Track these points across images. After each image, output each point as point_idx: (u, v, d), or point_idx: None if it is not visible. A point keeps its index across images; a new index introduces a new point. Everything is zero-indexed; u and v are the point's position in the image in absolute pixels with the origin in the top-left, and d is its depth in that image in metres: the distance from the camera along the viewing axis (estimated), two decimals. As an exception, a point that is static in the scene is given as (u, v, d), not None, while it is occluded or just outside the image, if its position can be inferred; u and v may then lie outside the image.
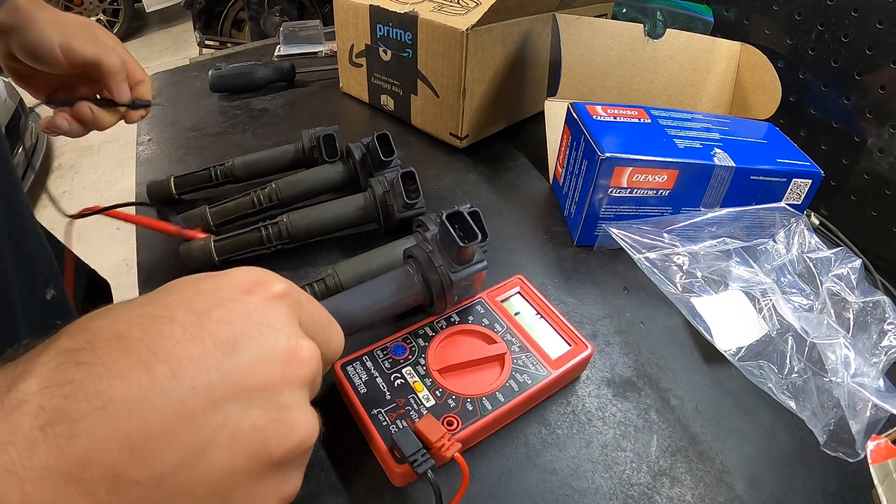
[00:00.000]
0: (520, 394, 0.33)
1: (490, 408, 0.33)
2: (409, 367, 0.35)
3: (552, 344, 0.37)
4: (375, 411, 0.32)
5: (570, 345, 0.37)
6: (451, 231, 0.34)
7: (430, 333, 0.37)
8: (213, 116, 0.69)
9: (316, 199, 0.50)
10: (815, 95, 0.59)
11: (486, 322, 0.38)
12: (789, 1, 0.59)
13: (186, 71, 0.83)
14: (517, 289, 0.41)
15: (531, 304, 0.40)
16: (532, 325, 0.38)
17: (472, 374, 0.35)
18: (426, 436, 0.29)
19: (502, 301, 0.40)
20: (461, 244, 0.34)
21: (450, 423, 0.32)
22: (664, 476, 0.33)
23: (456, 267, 0.36)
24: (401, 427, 0.31)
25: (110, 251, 1.88)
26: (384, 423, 0.31)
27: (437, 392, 0.33)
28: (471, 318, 0.38)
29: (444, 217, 0.35)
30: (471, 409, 0.33)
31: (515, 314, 0.39)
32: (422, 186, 0.47)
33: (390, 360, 0.35)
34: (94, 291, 0.63)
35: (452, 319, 0.38)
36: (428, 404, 0.33)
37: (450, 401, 0.33)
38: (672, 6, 0.67)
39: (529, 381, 0.34)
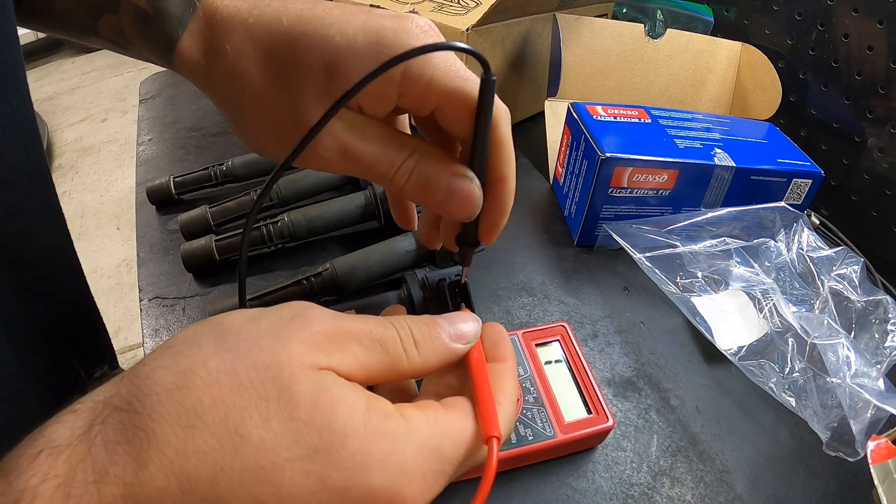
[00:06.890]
0: (515, 447, 0.31)
1: None
2: None
3: (571, 406, 0.33)
4: None
5: (590, 412, 0.33)
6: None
7: None
8: (213, 116, 0.69)
9: (316, 197, 0.50)
10: (815, 95, 0.59)
11: None
12: (789, 1, 0.59)
13: (187, 71, 0.82)
14: (558, 338, 0.37)
15: (566, 358, 0.36)
16: (557, 380, 0.35)
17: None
18: None
19: (537, 345, 0.36)
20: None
21: None
22: (664, 476, 0.33)
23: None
24: None
25: (110, 251, 1.88)
26: None
27: None
28: None
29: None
30: None
31: (545, 363, 0.35)
32: (422, 186, 0.47)
33: None
34: None
35: None
36: None
37: None
38: (672, 6, 0.67)
39: (531, 437, 0.31)
